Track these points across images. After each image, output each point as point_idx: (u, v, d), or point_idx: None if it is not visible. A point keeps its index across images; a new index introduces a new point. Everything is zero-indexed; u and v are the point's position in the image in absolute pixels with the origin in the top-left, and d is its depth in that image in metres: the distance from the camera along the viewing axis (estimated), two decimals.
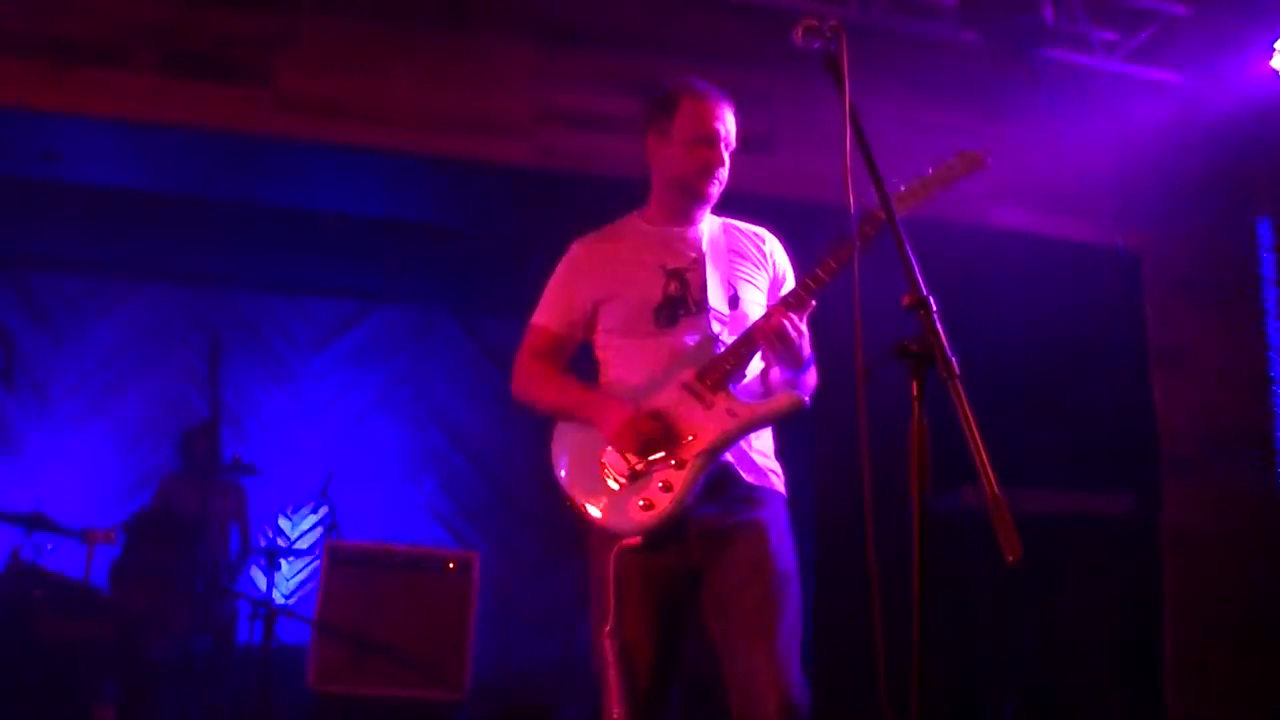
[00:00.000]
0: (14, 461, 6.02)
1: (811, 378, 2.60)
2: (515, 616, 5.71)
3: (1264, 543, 4.83)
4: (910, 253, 1.93)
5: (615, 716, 2.35)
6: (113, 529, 4.98)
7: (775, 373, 2.61)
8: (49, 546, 5.11)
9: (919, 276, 1.89)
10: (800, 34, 2.16)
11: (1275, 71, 4.46)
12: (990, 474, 1.69)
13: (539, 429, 2.67)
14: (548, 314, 2.72)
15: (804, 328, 2.47)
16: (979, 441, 1.71)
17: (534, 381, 2.69)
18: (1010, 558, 1.64)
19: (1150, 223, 5.09)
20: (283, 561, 5.50)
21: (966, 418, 1.73)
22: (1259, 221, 5.15)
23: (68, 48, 4.28)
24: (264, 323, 6.62)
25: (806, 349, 2.49)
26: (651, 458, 2.45)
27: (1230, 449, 4.99)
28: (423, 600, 4.81)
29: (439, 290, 6.74)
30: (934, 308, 1.85)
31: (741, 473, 2.53)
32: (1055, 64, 4.58)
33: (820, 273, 2.47)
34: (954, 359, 1.79)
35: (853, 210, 2.24)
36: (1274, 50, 4.43)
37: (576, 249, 2.74)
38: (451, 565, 4.92)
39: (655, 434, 2.45)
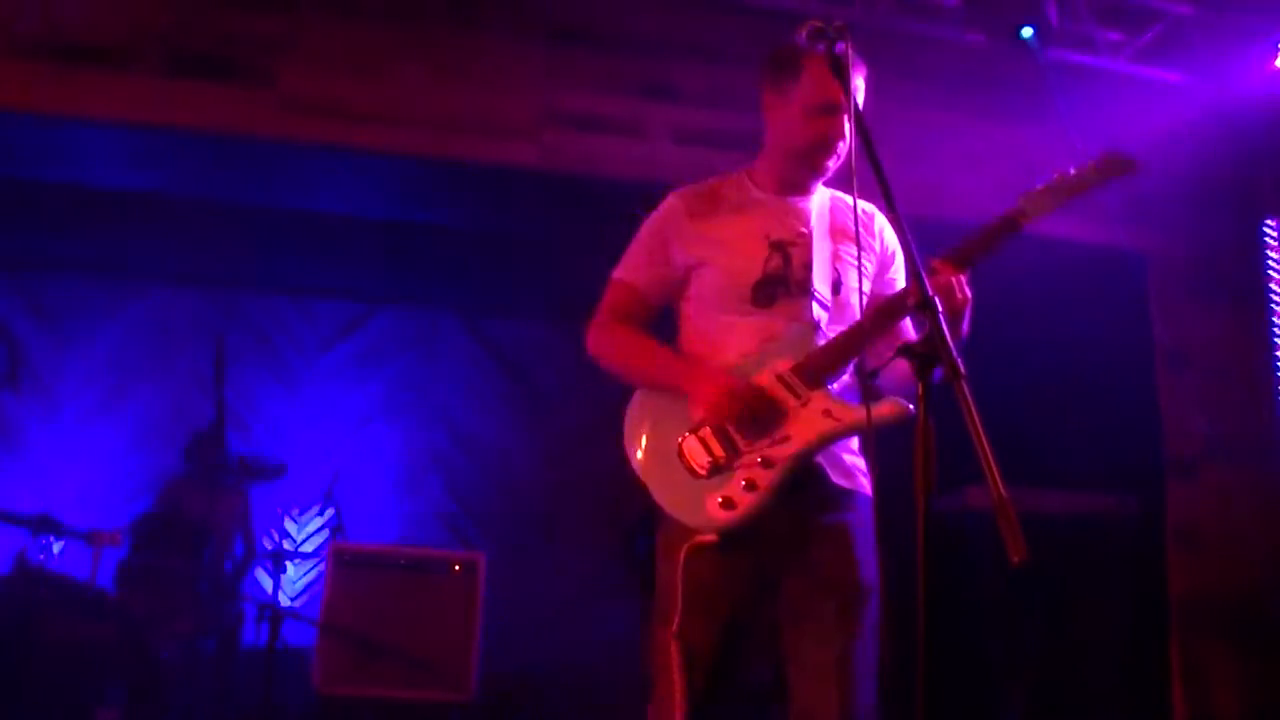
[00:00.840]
0: (20, 463, 6.02)
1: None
2: (521, 618, 5.70)
3: (1269, 542, 4.82)
4: (915, 253, 1.91)
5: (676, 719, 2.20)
6: (118, 531, 4.98)
7: (902, 362, 2.36)
8: (55, 548, 5.12)
9: (924, 277, 1.88)
10: (806, 35, 2.14)
11: None
12: (996, 474, 1.65)
13: (544, 431, 2.64)
14: (635, 269, 2.48)
15: (969, 292, 2.24)
16: (985, 442, 1.68)
17: (618, 341, 2.46)
18: (1015, 559, 1.59)
19: (1156, 223, 5.09)
20: (288, 564, 5.49)
21: (972, 418, 1.69)
22: (1264, 221, 5.14)
23: (73, 51, 4.30)
24: (269, 325, 6.62)
25: (967, 322, 2.26)
26: (741, 445, 2.26)
27: (1235, 449, 4.98)
28: (428, 602, 4.81)
29: (443, 292, 6.73)
30: (939, 308, 1.81)
31: (830, 474, 2.35)
32: (1060, 64, 4.57)
33: (978, 238, 2.28)
34: (960, 359, 1.75)
35: (855, 206, 2.23)
36: (1279, 50, 4.43)
37: (675, 201, 2.49)
38: (457, 567, 4.92)
39: (756, 412, 2.25)
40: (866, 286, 2.40)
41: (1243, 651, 4.76)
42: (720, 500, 2.25)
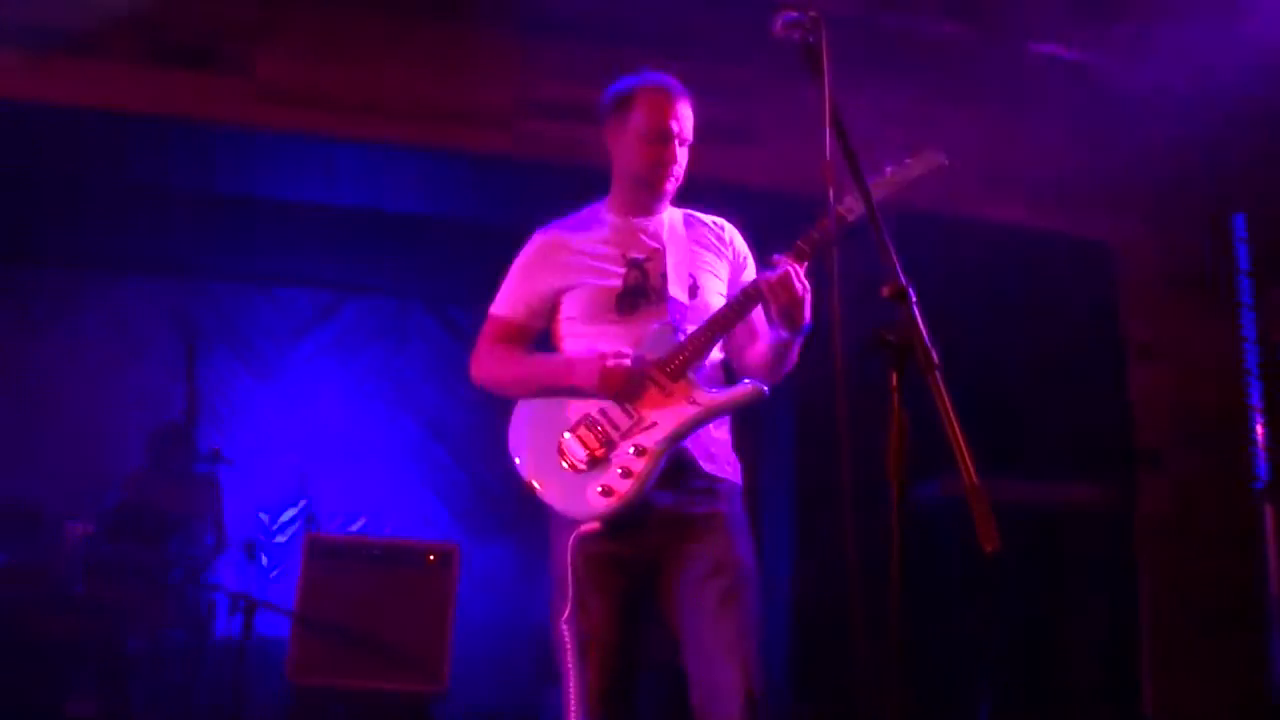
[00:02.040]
0: None
1: (793, 356, 2.59)
2: (496, 608, 5.70)
3: (1236, 534, 4.88)
4: (889, 242, 1.93)
5: (573, 707, 2.35)
6: (90, 522, 4.96)
7: (756, 348, 2.63)
8: (26, 540, 5.08)
9: (898, 266, 1.90)
10: (780, 25, 2.18)
11: (1252, 68, 4.50)
12: (969, 464, 1.69)
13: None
14: (508, 303, 2.73)
15: (808, 284, 2.44)
16: (958, 431, 1.71)
17: (496, 362, 2.69)
18: (988, 547, 1.64)
19: (1126, 216, 5.13)
20: (261, 554, 5.47)
21: (945, 408, 1.73)
22: (1235, 216, 5.19)
23: (48, 36, 4.25)
24: (241, 315, 6.59)
25: (808, 310, 2.46)
26: (615, 437, 2.45)
27: (1204, 441, 5.04)
28: (403, 592, 4.79)
29: (414, 281, 6.72)
30: (913, 298, 1.86)
31: (700, 462, 2.54)
32: (1036, 57, 4.60)
33: (817, 232, 2.47)
34: (933, 350, 1.80)
35: (832, 198, 2.26)
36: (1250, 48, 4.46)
37: (539, 238, 2.75)
38: (432, 557, 4.90)
39: (634, 381, 2.47)
40: (722, 289, 2.68)
41: (1212, 640, 4.82)
42: (599, 489, 2.43)
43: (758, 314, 2.63)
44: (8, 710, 4.28)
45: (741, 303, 2.53)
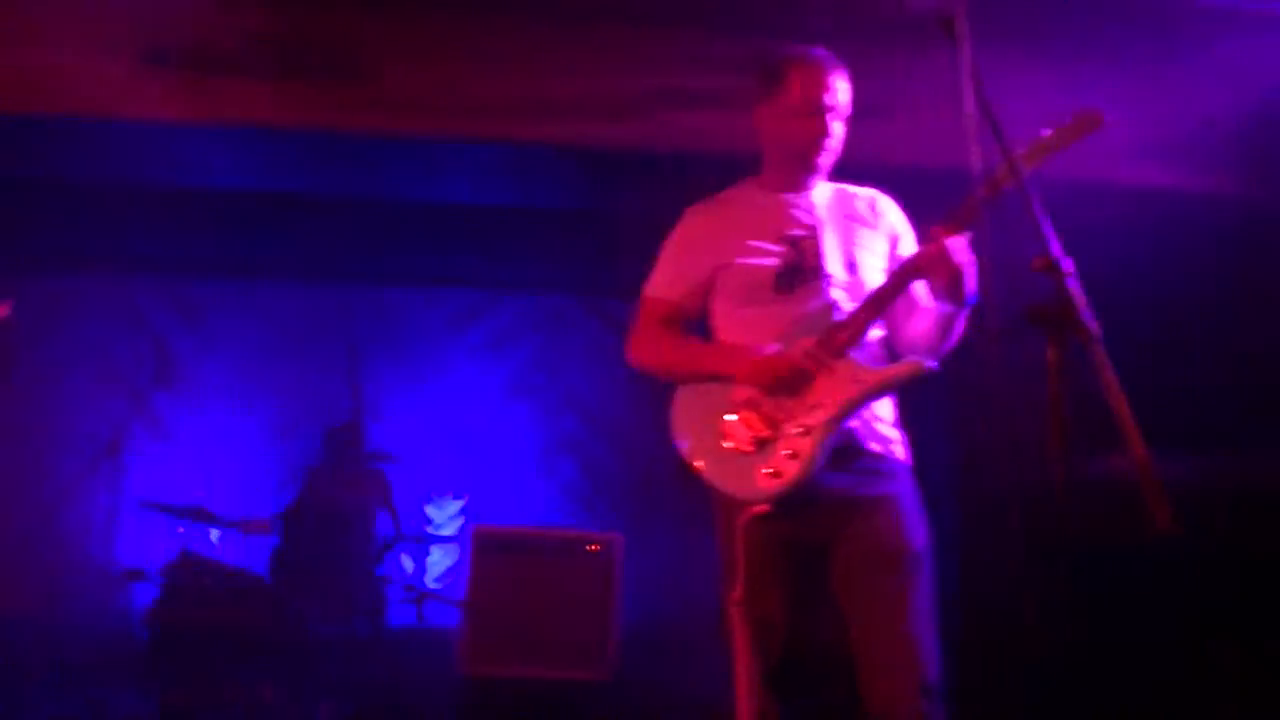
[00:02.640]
0: (174, 458, 6.32)
1: (958, 329, 2.51)
2: (659, 597, 5.75)
3: None
4: (1041, 214, 1.87)
5: (743, 690, 2.36)
6: (268, 520, 5.21)
7: (918, 323, 2.56)
8: (213, 537, 5.37)
9: (1051, 238, 1.84)
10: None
11: None
12: (1137, 438, 1.63)
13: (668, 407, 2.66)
14: (662, 284, 2.72)
15: (968, 254, 2.38)
16: (1124, 405, 1.65)
17: (652, 345, 2.69)
18: (1161, 525, 1.58)
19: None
20: (431, 547, 5.64)
21: (1109, 381, 1.67)
22: None
23: (193, 62, 4.45)
24: (400, 315, 6.78)
25: (973, 280, 2.40)
26: (779, 418, 2.42)
27: None
28: (567, 582, 4.88)
29: (567, 275, 6.80)
30: (1068, 270, 1.79)
31: (866, 441, 2.51)
32: (1178, 7, 4.36)
33: (971, 200, 2.39)
34: (1092, 321, 1.74)
35: (978, 168, 2.20)
36: None
37: (690, 217, 2.75)
38: (594, 547, 4.97)
39: (789, 378, 2.43)
40: (880, 264, 2.63)
41: None
42: (768, 471, 2.41)
43: (918, 288, 2.56)
44: (202, 695, 4.52)
45: (900, 278, 2.47)
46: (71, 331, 6.57)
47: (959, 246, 2.36)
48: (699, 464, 2.51)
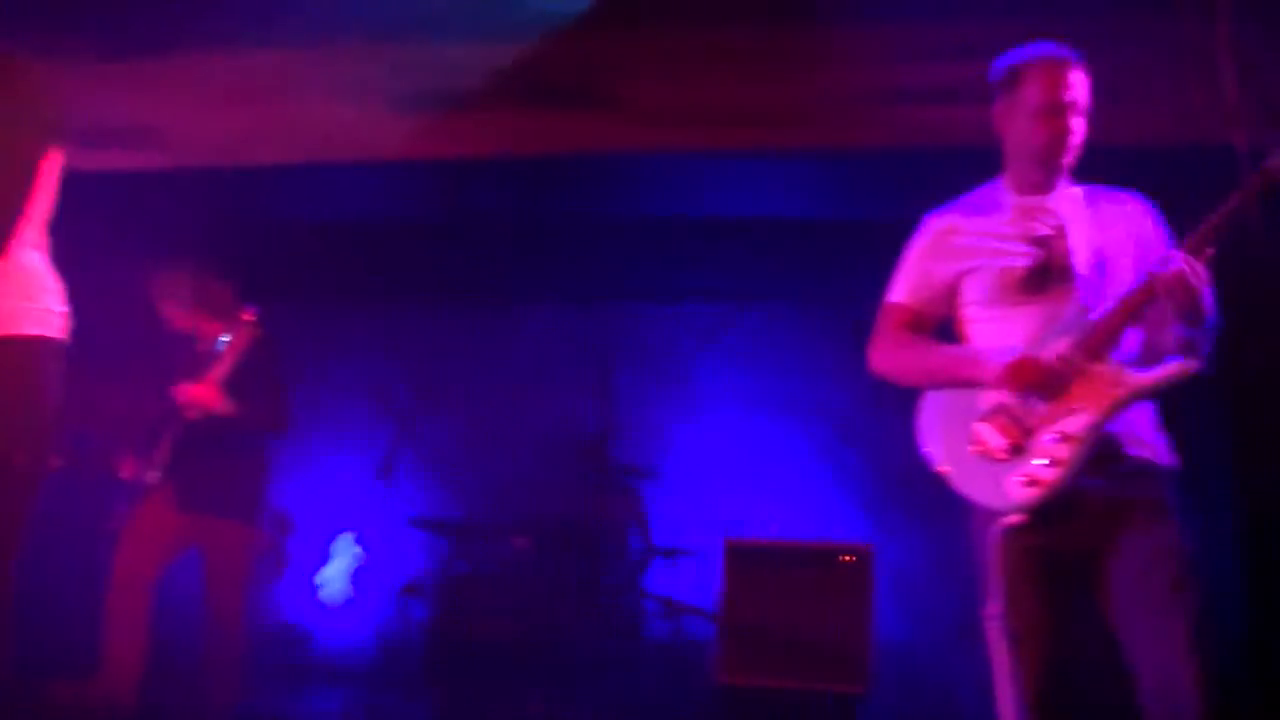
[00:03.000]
0: (441, 477, 6.66)
1: (1203, 350, 2.37)
2: (914, 607, 5.57)
3: None
4: None
5: (1008, 706, 2.26)
6: (527, 535, 5.39)
7: (1168, 334, 2.40)
8: (475, 552, 5.61)
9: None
10: None
11: None
12: None
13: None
14: (905, 290, 2.68)
15: (1205, 276, 2.26)
16: None
17: (896, 351, 2.65)
18: None
19: None
20: (683, 560, 5.68)
21: None
22: None
23: (440, 100, 4.68)
24: (648, 331, 6.90)
25: (1209, 301, 2.28)
26: (1034, 424, 2.34)
27: None
28: (822, 593, 4.82)
29: (814, 284, 6.71)
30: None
31: (1127, 445, 2.39)
32: None
33: (1219, 216, 2.25)
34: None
35: (1240, 148, 2.04)
36: None
37: (933, 223, 2.69)
38: (848, 558, 4.89)
39: (1044, 384, 2.35)
40: (1130, 266, 2.49)
41: None
42: (1022, 479, 2.33)
43: None
44: (470, 708, 4.72)
45: (1138, 295, 2.35)
46: (347, 360, 7.07)
47: (1196, 270, 2.25)
48: (948, 472, 2.46)
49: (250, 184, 5.20)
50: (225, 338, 4.14)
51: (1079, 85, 2.51)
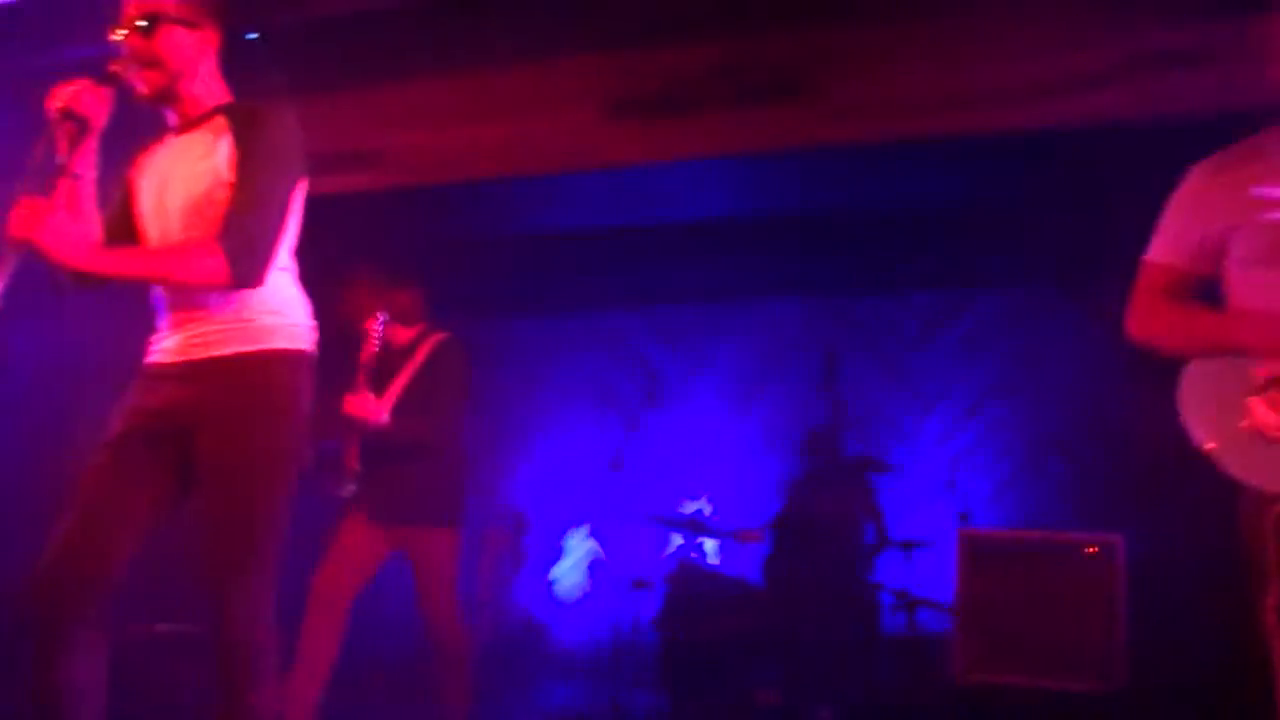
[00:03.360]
0: (668, 474, 6.77)
1: None
2: (1166, 600, 5.25)
3: None
4: None
5: None
6: (759, 529, 5.41)
7: None
8: (709, 547, 5.68)
9: None
10: None
11: None
12: None
13: (1168, 397, 2.42)
14: (1165, 248, 2.43)
15: None
16: None
17: (1155, 316, 2.41)
18: None
19: None
20: (918, 552, 5.57)
21: None
22: None
23: (652, 105, 4.76)
24: (872, 323, 6.82)
25: None
26: None
27: None
28: (1064, 587, 4.62)
29: (1043, 268, 6.45)
30: None
31: None
32: None
33: None
34: None
35: None
36: None
37: (1196, 175, 2.43)
38: (1092, 550, 4.67)
39: None
40: None
41: None
42: None
43: None
44: (704, 696, 4.78)
45: None
46: (573, 363, 7.30)
47: None
48: (1215, 451, 2.24)
49: (473, 199, 5.43)
50: (402, 347, 4.18)
51: None
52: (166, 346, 2.40)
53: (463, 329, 4.36)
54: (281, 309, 2.41)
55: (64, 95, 2.24)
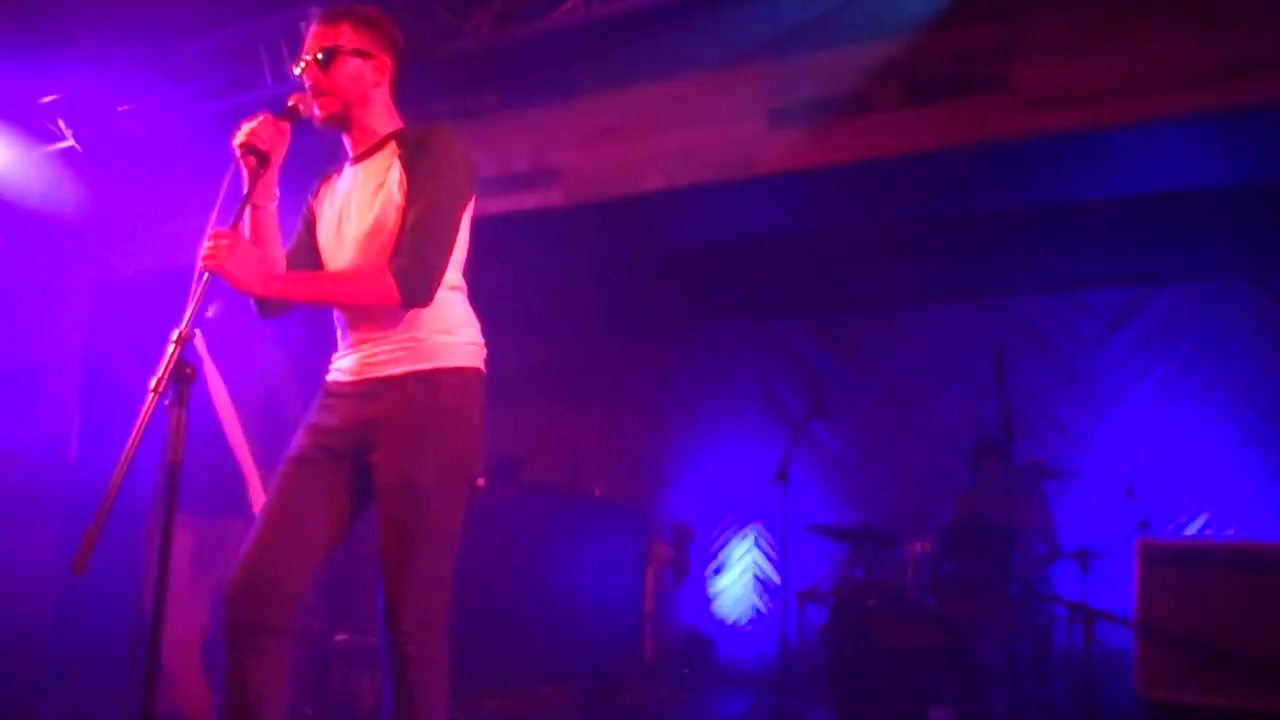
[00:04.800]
0: (837, 482, 6.69)
1: None
2: None
3: None
4: None
5: None
6: (928, 539, 5.28)
7: None
8: (873, 557, 5.57)
9: None
10: None
11: None
12: None
13: None
14: None
15: None
16: None
17: None
18: None
19: None
20: (1095, 563, 5.35)
21: None
22: None
23: (818, 109, 4.72)
24: (1043, 323, 6.62)
25: None
26: None
27: None
28: (1260, 599, 4.35)
29: (1230, 257, 6.13)
30: None
31: None
32: None
33: None
34: None
35: None
36: None
37: None
38: None
39: None
40: None
41: None
42: None
43: None
44: (874, 711, 4.69)
45: None
46: (737, 373, 7.30)
47: None
48: None
49: (642, 211, 5.49)
50: None
51: None
52: (344, 366, 2.51)
53: (629, 341, 4.41)
54: (452, 328, 2.48)
55: (246, 131, 2.36)
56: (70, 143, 6.20)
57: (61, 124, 6.16)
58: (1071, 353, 6.55)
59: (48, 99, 6.04)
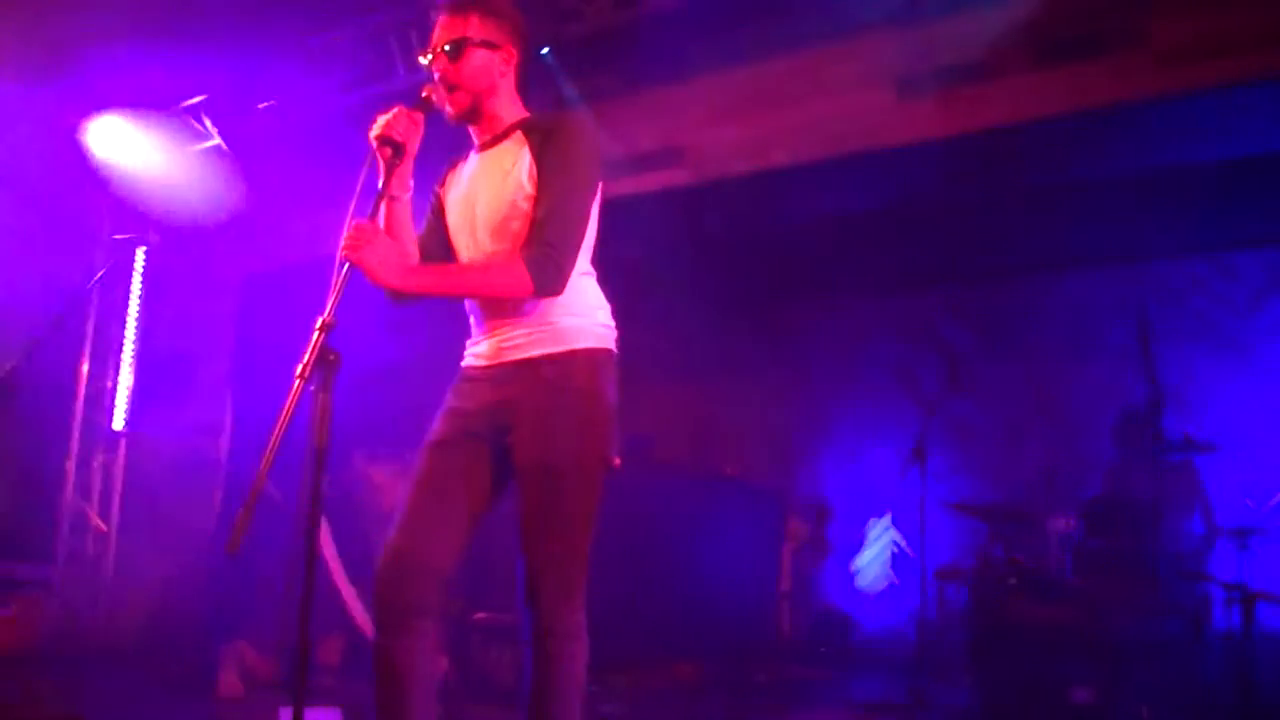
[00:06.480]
0: (969, 460, 6.55)
1: None
2: None
3: None
4: None
5: None
6: (1071, 516, 5.13)
7: None
8: (1013, 535, 5.44)
9: None
10: None
11: None
12: None
13: None
14: None
15: None
16: None
17: None
18: None
19: None
20: (1255, 540, 5.12)
21: None
22: None
23: (948, 76, 4.61)
24: (1190, 290, 6.34)
25: None
26: None
27: None
28: None
29: None
30: None
31: None
32: None
33: None
34: None
35: None
36: None
37: None
38: None
39: None
40: None
41: None
42: None
43: None
44: (1014, 691, 4.58)
45: None
46: (872, 350, 7.20)
47: None
48: None
49: (768, 187, 5.46)
50: None
51: None
52: (479, 351, 2.56)
53: (759, 319, 4.39)
54: (584, 311, 2.51)
55: (381, 123, 2.42)
56: (216, 141, 6.45)
57: (208, 122, 6.42)
58: (1222, 320, 6.26)
59: (195, 100, 6.30)
